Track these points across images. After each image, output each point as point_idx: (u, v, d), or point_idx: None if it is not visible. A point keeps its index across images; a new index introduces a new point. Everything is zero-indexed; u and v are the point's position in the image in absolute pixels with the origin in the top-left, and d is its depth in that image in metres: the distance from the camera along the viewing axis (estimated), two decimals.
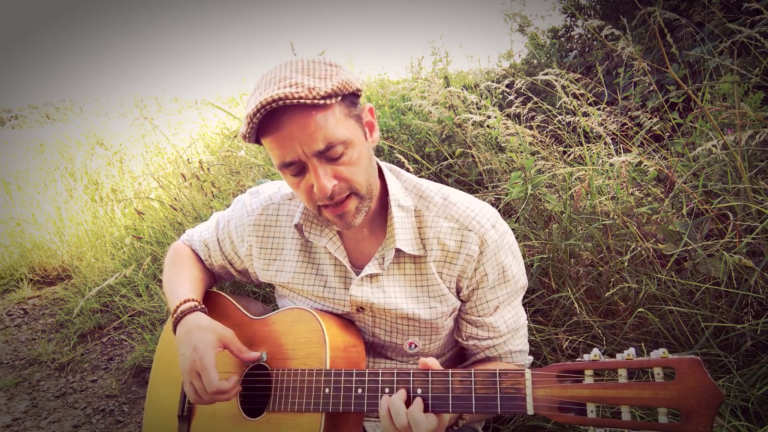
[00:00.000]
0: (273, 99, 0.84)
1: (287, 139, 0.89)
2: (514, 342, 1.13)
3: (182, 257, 1.32)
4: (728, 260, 1.41)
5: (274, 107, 0.85)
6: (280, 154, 0.91)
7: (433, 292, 1.07)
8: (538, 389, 0.80)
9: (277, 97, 0.84)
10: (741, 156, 1.56)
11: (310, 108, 0.87)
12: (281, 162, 0.92)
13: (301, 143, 0.89)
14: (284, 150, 0.90)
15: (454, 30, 10.11)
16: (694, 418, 0.69)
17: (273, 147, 0.91)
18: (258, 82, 0.93)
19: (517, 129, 2.20)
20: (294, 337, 1.07)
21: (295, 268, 1.15)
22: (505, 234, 1.07)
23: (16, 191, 5.45)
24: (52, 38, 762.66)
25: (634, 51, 1.84)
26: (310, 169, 0.92)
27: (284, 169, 0.94)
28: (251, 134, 0.89)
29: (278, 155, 0.92)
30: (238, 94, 5.72)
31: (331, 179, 0.92)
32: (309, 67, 0.90)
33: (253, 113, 0.85)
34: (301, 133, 0.88)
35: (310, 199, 0.96)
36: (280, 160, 0.92)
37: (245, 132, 0.89)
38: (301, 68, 0.90)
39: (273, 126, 0.89)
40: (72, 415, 2.45)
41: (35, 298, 3.95)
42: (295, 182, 0.96)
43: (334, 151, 0.91)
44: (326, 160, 0.92)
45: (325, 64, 0.92)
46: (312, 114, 0.87)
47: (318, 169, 0.91)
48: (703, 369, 0.70)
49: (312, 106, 0.87)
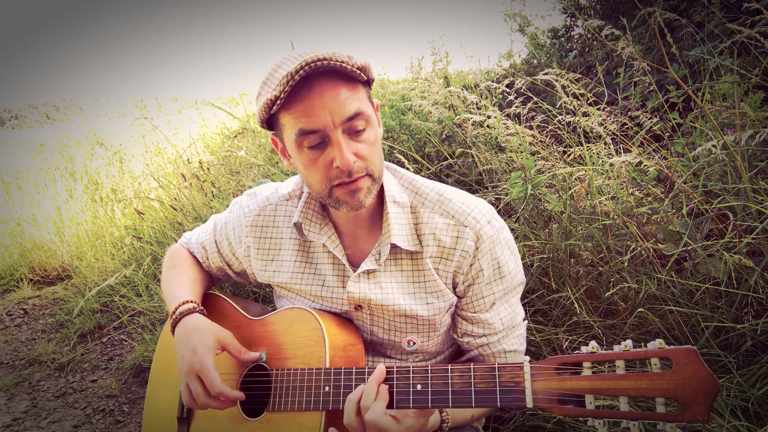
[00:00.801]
0: (318, 58, 0.85)
1: (317, 106, 0.89)
2: (509, 341, 1.13)
3: (180, 260, 1.32)
4: (728, 260, 1.41)
5: (318, 65, 0.85)
6: (306, 121, 0.90)
7: (429, 288, 1.07)
8: (536, 382, 0.80)
9: (323, 57, 0.85)
10: (741, 156, 1.56)
11: (344, 79, 0.90)
12: (303, 129, 0.91)
13: (331, 111, 0.89)
14: (311, 117, 0.90)
15: (454, 30, 10.11)
16: (691, 407, 0.70)
17: (298, 115, 0.90)
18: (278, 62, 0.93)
19: (517, 129, 2.20)
20: (293, 336, 1.07)
21: (293, 268, 1.15)
22: (501, 230, 1.07)
23: (16, 191, 5.45)
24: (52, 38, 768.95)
25: (634, 51, 1.84)
26: (334, 141, 0.92)
27: (303, 139, 0.92)
28: (284, 96, 0.88)
29: (303, 122, 0.90)
30: (238, 94, 5.72)
31: (352, 155, 0.92)
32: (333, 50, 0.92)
33: (296, 70, 0.85)
34: (332, 101, 0.89)
35: (326, 176, 0.95)
36: (301, 126, 0.91)
37: (280, 92, 0.87)
38: (325, 49, 0.91)
39: (303, 92, 0.89)
40: (72, 415, 2.45)
41: (35, 298, 3.95)
42: (312, 157, 0.94)
43: (359, 122, 0.92)
44: (349, 134, 0.93)
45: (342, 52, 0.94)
46: (344, 85, 0.90)
47: (342, 143, 0.91)
48: (699, 358, 0.70)
49: (345, 76, 0.90)
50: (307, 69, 0.85)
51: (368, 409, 0.87)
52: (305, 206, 1.12)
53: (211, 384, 1.00)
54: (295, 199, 1.18)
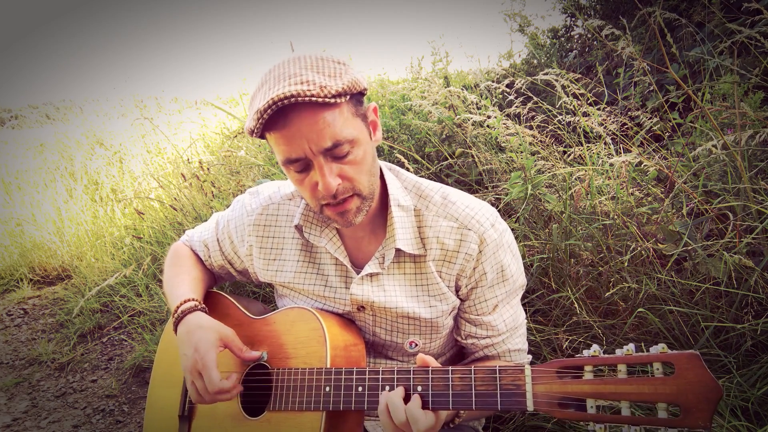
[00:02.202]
0: (285, 96, 0.83)
1: (295, 136, 0.88)
2: (513, 341, 1.13)
3: (182, 258, 1.32)
4: (728, 260, 1.41)
5: (285, 104, 0.84)
6: (287, 150, 0.90)
7: (432, 291, 1.07)
8: (537, 385, 0.80)
9: (290, 94, 0.83)
10: (741, 156, 1.56)
11: (320, 106, 0.87)
12: (286, 158, 0.92)
13: (309, 141, 0.88)
14: (291, 147, 0.90)
15: (454, 30, 10.11)
16: (693, 412, 0.69)
17: (279, 143, 0.91)
18: (265, 77, 0.92)
19: (517, 129, 2.20)
20: (294, 336, 1.07)
21: (295, 267, 1.15)
22: (504, 233, 1.07)
23: (16, 191, 5.45)
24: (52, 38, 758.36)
25: (634, 51, 1.84)
26: (316, 167, 0.91)
27: (289, 165, 0.93)
28: (259, 130, 0.89)
29: (284, 151, 0.91)
30: (238, 94, 5.72)
31: (335, 178, 0.92)
32: (318, 65, 0.90)
33: (264, 109, 0.84)
34: (309, 130, 0.87)
35: (314, 196, 0.96)
36: (285, 156, 0.92)
37: (253, 127, 0.88)
38: (310, 65, 0.90)
39: (281, 122, 0.88)
40: (72, 415, 2.45)
41: (35, 298, 3.95)
42: (299, 179, 0.96)
43: (341, 150, 0.91)
44: (332, 158, 0.91)
45: (333, 61, 0.92)
46: (321, 112, 0.87)
47: (324, 168, 0.90)
48: (702, 364, 0.70)
49: (322, 104, 0.87)
50: (275, 108, 0.84)
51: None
52: (306, 208, 1.12)
53: (209, 380, 1.00)
54: (297, 199, 1.18)
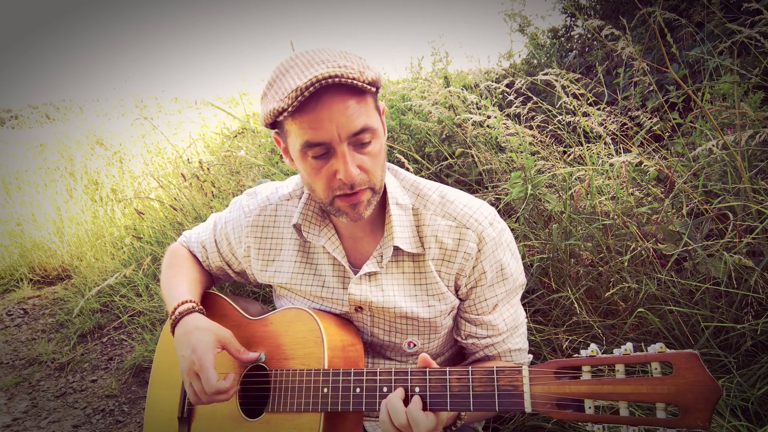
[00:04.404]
0: (329, 75, 0.84)
1: (325, 120, 0.88)
2: (513, 340, 1.13)
3: (180, 259, 1.32)
4: (728, 260, 1.40)
5: (329, 83, 0.85)
6: (312, 134, 0.90)
7: (431, 290, 1.07)
8: (535, 386, 0.80)
9: (334, 74, 0.84)
10: (741, 156, 1.56)
11: (353, 92, 0.89)
12: (309, 141, 0.90)
13: (338, 125, 0.88)
14: (318, 131, 0.89)
15: (454, 30, 10.10)
16: (692, 412, 0.69)
17: (304, 127, 0.90)
18: (287, 63, 0.92)
19: (517, 129, 2.20)
20: (292, 337, 1.07)
21: (293, 268, 1.15)
22: (503, 232, 1.07)
23: (16, 191, 5.45)
24: (52, 38, 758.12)
25: (634, 51, 1.83)
26: (338, 154, 0.91)
27: (308, 150, 0.92)
28: (293, 108, 0.87)
29: (309, 134, 0.90)
30: (238, 94, 5.72)
31: (356, 168, 0.92)
32: (345, 55, 0.91)
33: (305, 86, 0.84)
34: (340, 114, 0.88)
35: (329, 186, 0.95)
36: (308, 139, 0.90)
37: (288, 105, 0.87)
38: (338, 54, 0.91)
39: (311, 105, 0.88)
40: (72, 415, 2.45)
41: (35, 298, 3.95)
42: (316, 167, 0.94)
43: (364, 137, 0.92)
44: (354, 147, 0.92)
45: (355, 55, 0.93)
46: (352, 98, 0.89)
47: (347, 155, 0.91)
48: (700, 363, 0.69)
49: (355, 90, 0.88)
50: (317, 86, 0.84)
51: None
52: (305, 207, 1.12)
53: (207, 381, 1.00)
54: (295, 199, 1.18)
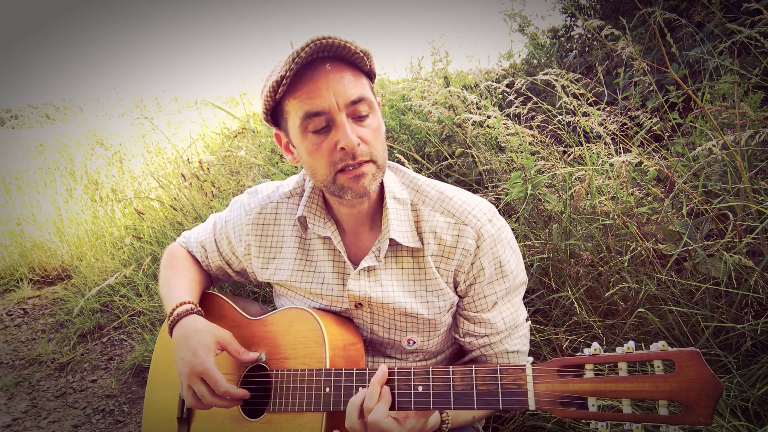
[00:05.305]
0: (323, 36, 0.88)
1: (322, 88, 0.91)
2: (511, 341, 1.12)
3: (178, 259, 1.32)
4: (728, 260, 1.41)
5: (323, 43, 0.88)
6: (310, 104, 0.92)
7: (431, 286, 1.07)
8: (539, 384, 0.80)
9: (328, 36, 0.88)
10: (741, 156, 1.56)
11: (348, 65, 0.94)
12: (308, 111, 0.93)
13: (336, 93, 0.92)
14: (316, 99, 0.92)
15: (454, 30, 10.10)
16: (694, 409, 0.70)
17: (303, 98, 0.93)
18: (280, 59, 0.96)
19: (517, 129, 2.20)
20: (293, 336, 1.07)
21: (293, 266, 1.15)
22: (502, 229, 1.07)
23: (16, 191, 5.45)
24: (52, 38, 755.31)
25: (634, 51, 1.84)
26: (338, 124, 0.93)
27: (308, 123, 0.94)
28: (290, 75, 0.90)
29: (308, 105, 0.93)
30: (238, 94, 5.72)
31: (356, 137, 0.94)
32: None
33: (301, 48, 0.88)
34: (337, 83, 0.92)
35: (331, 160, 0.96)
36: (307, 109, 0.93)
37: (285, 72, 0.90)
38: None
39: (308, 75, 0.91)
40: (72, 415, 2.45)
41: (35, 298, 3.95)
42: (317, 142, 0.96)
43: (362, 107, 0.95)
44: (353, 118, 0.95)
45: None
46: (348, 70, 0.94)
47: (345, 124, 0.93)
48: (702, 361, 0.70)
49: (349, 63, 0.94)
50: (312, 46, 0.88)
51: (371, 410, 0.87)
52: (309, 200, 1.12)
53: (215, 384, 1.00)
54: (296, 197, 1.18)
